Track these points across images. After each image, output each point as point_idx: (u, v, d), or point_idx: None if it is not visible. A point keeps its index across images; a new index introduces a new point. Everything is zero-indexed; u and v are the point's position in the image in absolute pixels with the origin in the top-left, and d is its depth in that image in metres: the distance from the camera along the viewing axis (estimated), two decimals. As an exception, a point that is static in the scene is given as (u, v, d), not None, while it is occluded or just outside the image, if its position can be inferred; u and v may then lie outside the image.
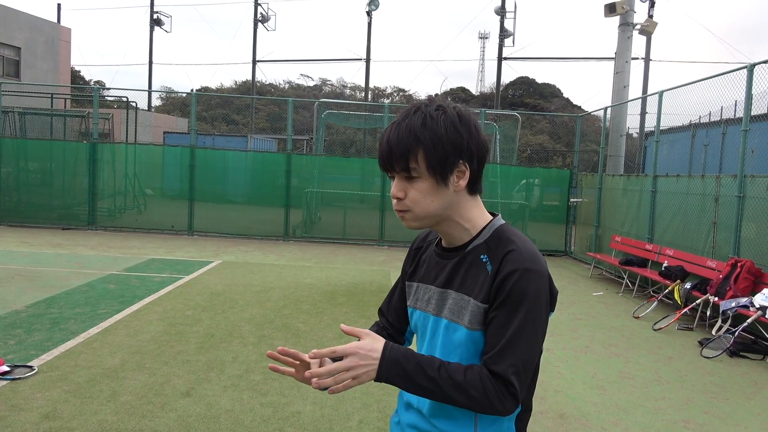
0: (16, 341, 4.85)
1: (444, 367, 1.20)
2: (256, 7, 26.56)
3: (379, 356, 1.19)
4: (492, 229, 1.30)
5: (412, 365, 1.19)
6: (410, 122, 1.23)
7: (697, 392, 4.62)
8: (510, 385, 1.19)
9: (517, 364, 1.20)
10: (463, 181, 1.26)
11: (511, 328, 1.20)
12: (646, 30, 12.61)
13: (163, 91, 42.61)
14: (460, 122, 1.24)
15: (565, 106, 40.42)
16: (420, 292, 1.39)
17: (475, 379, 1.19)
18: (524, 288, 1.20)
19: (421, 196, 1.24)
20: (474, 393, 1.18)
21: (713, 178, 7.54)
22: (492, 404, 1.19)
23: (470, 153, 1.25)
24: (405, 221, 1.29)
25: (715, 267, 6.91)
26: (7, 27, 21.35)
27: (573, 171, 12.95)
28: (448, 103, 1.27)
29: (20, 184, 13.04)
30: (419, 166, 1.23)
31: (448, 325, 1.30)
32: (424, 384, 1.19)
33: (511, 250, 1.24)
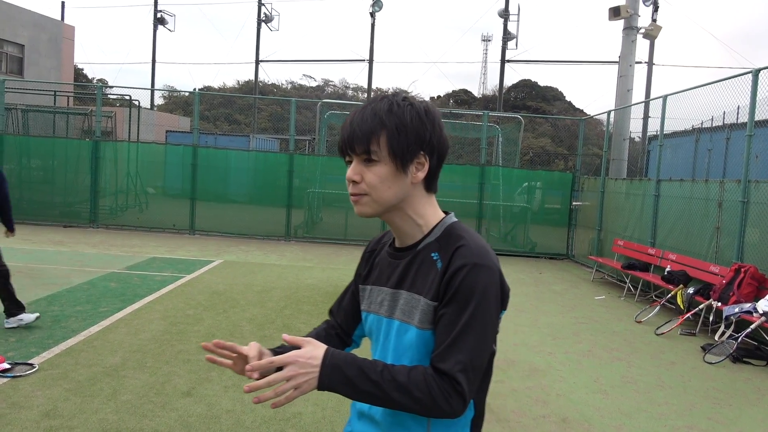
0: (17, 338, 4.84)
1: (387, 370, 1.16)
2: (260, 7, 26.58)
3: (320, 363, 1.15)
4: (443, 226, 1.28)
5: (354, 370, 1.15)
6: (376, 107, 1.23)
7: (700, 398, 4.60)
8: (456, 384, 1.14)
9: (463, 361, 1.15)
10: (421, 173, 1.25)
11: (459, 324, 1.16)
12: (650, 34, 12.60)
13: (166, 90, 42.68)
14: (426, 115, 1.24)
15: (567, 110, 40.41)
16: (373, 295, 1.36)
17: (419, 379, 1.15)
18: (473, 283, 1.17)
19: (378, 180, 1.23)
20: (418, 394, 1.13)
21: (717, 183, 7.52)
22: (438, 404, 1.14)
23: (431, 146, 1.25)
24: (359, 206, 1.26)
25: (718, 272, 6.89)
26: (11, 24, 21.37)
27: (575, 174, 12.93)
28: (417, 99, 1.28)
29: (22, 182, 13.04)
30: (380, 150, 1.22)
31: (400, 326, 1.26)
32: (368, 389, 1.14)
33: (461, 246, 1.22)
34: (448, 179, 13.54)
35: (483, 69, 52.49)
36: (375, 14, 24.31)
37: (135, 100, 17.76)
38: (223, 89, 45.13)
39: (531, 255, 12.63)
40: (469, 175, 12.92)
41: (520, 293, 8.47)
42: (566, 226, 12.79)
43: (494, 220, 13.21)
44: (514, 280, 9.56)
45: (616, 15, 11.78)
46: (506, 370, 4.91)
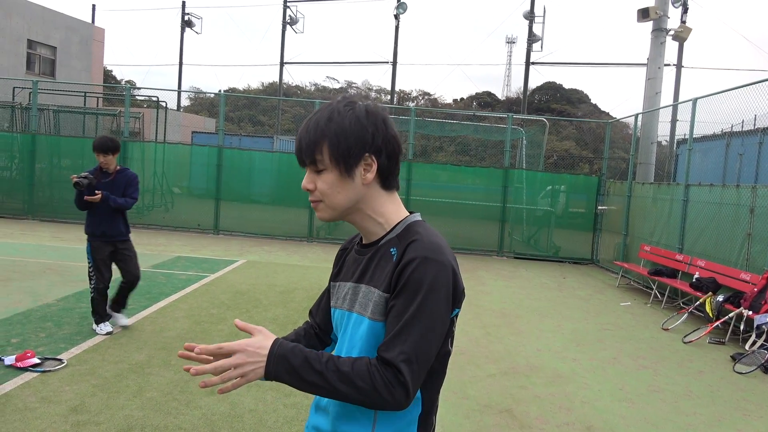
0: (47, 334, 4.95)
1: (332, 360, 1.17)
2: (285, 9, 26.82)
3: (267, 353, 1.17)
4: (405, 224, 1.31)
5: (299, 360, 1.16)
6: (318, 117, 1.27)
7: (730, 409, 4.48)
8: (399, 373, 1.14)
9: (408, 352, 1.15)
10: (370, 175, 1.26)
11: (406, 315, 1.17)
12: (679, 36, 12.36)
13: (192, 92, 43.31)
14: (366, 117, 1.25)
15: (592, 112, 39.87)
16: (339, 290, 1.38)
17: (362, 369, 1.15)
18: (421, 276, 1.18)
19: (327, 187, 1.26)
20: (360, 383, 1.14)
21: (749, 188, 7.33)
22: (380, 394, 1.13)
23: (377, 147, 1.26)
24: (318, 212, 1.32)
25: (749, 280, 6.71)
26: (45, 27, 21.94)
27: (601, 178, 12.74)
28: (361, 99, 1.30)
29: (53, 180, 13.36)
30: (324, 158, 1.25)
31: (357, 319, 1.28)
32: (312, 379, 1.15)
33: (414, 240, 1.24)
34: (471, 182, 13.48)
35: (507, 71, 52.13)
36: (399, 16, 24.33)
37: (162, 101, 18.05)
38: (247, 91, 45.64)
39: (555, 259, 12.48)
40: (492, 178, 12.83)
41: (543, 298, 8.37)
42: (591, 230, 12.61)
43: (517, 223, 13.09)
44: (536, 285, 9.46)
45: (645, 16, 11.59)
46: (529, 376, 4.85)
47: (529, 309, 7.53)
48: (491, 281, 9.43)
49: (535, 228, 13.22)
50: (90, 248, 5.26)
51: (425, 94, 49.01)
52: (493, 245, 12.63)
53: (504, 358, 5.34)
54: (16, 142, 13.30)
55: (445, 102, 47.19)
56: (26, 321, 5.28)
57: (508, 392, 4.44)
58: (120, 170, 5.39)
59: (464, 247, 12.53)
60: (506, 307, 7.57)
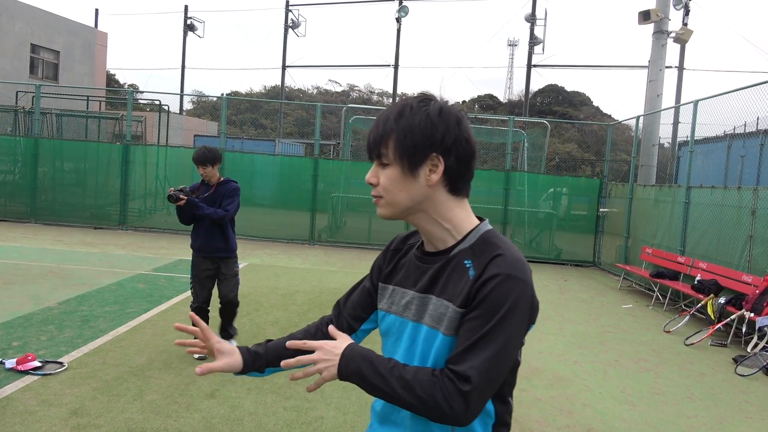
0: (48, 337, 4.96)
1: (397, 366, 1.17)
2: (287, 13, 26.89)
3: (340, 353, 1.20)
4: (478, 233, 1.26)
5: (367, 363, 1.18)
6: (389, 112, 1.26)
7: (732, 411, 4.46)
8: (464, 383, 1.11)
9: (478, 368, 1.12)
10: (435, 176, 1.22)
11: (482, 331, 1.14)
12: (681, 38, 12.35)
13: (195, 95, 43.43)
14: (438, 115, 1.22)
15: (594, 115, 39.85)
16: (396, 296, 1.34)
17: (424, 378, 1.14)
18: (504, 294, 1.15)
19: (389, 183, 1.24)
20: (421, 393, 1.13)
21: (750, 190, 7.32)
22: (439, 406, 1.11)
23: (445, 147, 1.22)
24: (378, 208, 1.30)
25: (751, 282, 6.70)
26: (48, 31, 22.03)
27: (603, 180, 12.73)
28: (438, 98, 1.28)
29: (55, 184, 13.40)
30: (389, 153, 1.24)
31: (429, 332, 1.25)
32: (376, 383, 1.17)
33: (498, 255, 1.20)
34: (473, 184, 13.36)
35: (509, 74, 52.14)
36: (401, 20, 24.37)
37: (164, 105, 18.13)
38: (250, 94, 45.73)
39: (556, 262, 12.46)
40: (494, 181, 12.83)
41: (544, 300, 8.35)
42: (593, 233, 12.59)
43: (519, 226, 13.08)
44: (538, 287, 9.37)
45: (646, 19, 11.59)
46: (530, 379, 4.84)
47: (530, 312, 7.50)
48: (493, 284, 9.40)
49: (536, 230, 13.21)
50: (191, 263, 5.02)
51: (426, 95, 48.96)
52: (495, 248, 12.59)
53: (505, 360, 5.32)
54: (19, 146, 13.34)
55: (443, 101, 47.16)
56: (28, 324, 5.29)
57: (508, 395, 4.42)
58: (222, 182, 4.99)
59: (466, 250, 12.48)
60: (508, 309, 7.54)
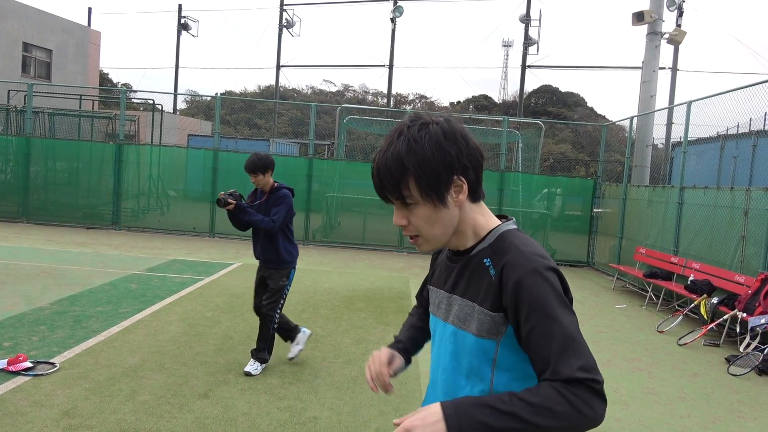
0: (40, 338, 4.92)
1: (515, 397, 1.11)
2: (282, 13, 26.83)
3: (441, 416, 1.10)
4: (497, 233, 1.27)
5: (483, 410, 1.09)
6: (395, 149, 1.19)
7: (724, 410, 4.48)
8: (591, 382, 1.09)
9: (580, 363, 1.11)
10: (462, 196, 1.23)
11: (554, 333, 1.13)
12: (674, 39, 12.42)
13: (189, 95, 43.27)
14: (445, 139, 1.19)
15: (589, 116, 39.99)
16: (433, 296, 1.39)
17: (551, 393, 1.09)
18: (540, 291, 1.15)
19: (423, 221, 1.22)
20: (560, 408, 1.08)
21: (743, 191, 7.36)
22: (582, 412, 1.08)
23: (463, 166, 1.21)
24: (419, 247, 1.28)
25: (743, 282, 6.73)
26: (41, 30, 21.89)
27: (597, 181, 12.77)
28: (431, 118, 1.23)
29: (48, 183, 13.31)
30: (413, 194, 1.20)
31: (456, 332, 1.27)
32: (506, 425, 1.08)
33: (513, 254, 1.20)
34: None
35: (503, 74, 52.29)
36: (395, 20, 24.37)
37: (158, 104, 17.99)
38: (244, 94, 45.62)
39: (550, 262, 12.48)
40: (488, 181, 12.83)
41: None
42: (587, 233, 12.64)
43: (513, 226, 13.09)
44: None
45: (640, 20, 11.64)
46: (524, 379, 4.84)
47: (524, 312, 7.52)
48: (487, 284, 9.42)
49: (531, 231, 13.23)
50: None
51: (422, 98, 49.08)
52: (489, 248, 12.62)
53: (499, 360, 5.32)
54: (11, 145, 13.24)
55: (441, 105, 47.26)
56: (19, 324, 5.25)
57: (502, 395, 4.42)
58: (274, 188, 4.65)
59: (460, 250, 12.51)
60: (502, 309, 7.55)
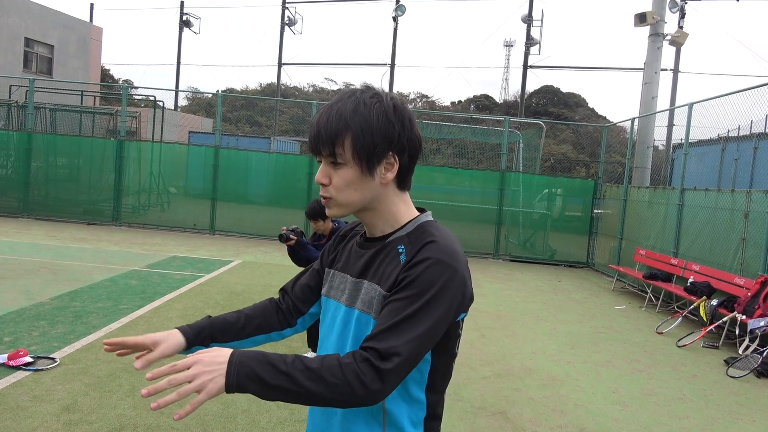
0: (40, 333, 4.93)
1: (299, 359, 1.07)
2: (284, 10, 26.82)
3: (226, 360, 1.04)
4: (417, 223, 1.26)
5: (263, 365, 1.05)
6: (342, 106, 1.18)
7: (723, 412, 4.49)
8: (383, 361, 1.05)
9: (400, 347, 1.06)
10: (390, 174, 1.21)
11: (406, 311, 1.09)
12: (676, 41, 12.41)
13: (190, 91, 43.25)
14: (394, 113, 1.19)
15: (589, 116, 39.98)
16: (336, 280, 1.33)
17: (332, 363, 1.06)
18: (432, 277, 1.12)
19: (344, 184, 1.20)
20: (332, 379, 1.04)
21: (743, 193, 7.36)
22: (351, 386, 1.04)
23: (401, 146, 1.20)
24: (328, 209, 1.25)
25: (743, 284, 6.74)
26: (43, 25, 21.88)
27: (597, 181, 12.78)
28: (386, 93, 1.23)
29: (49, 179, 13.32)
30: (345, 153, 1.18)
31: (360, 316, 1.22)
32: (279, 382, 1.04)
33: (430, 242, 1.17)
34: (468, 185, 13.49)
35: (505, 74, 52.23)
36: (398, 19, 24.37)
37: (159, 101, 17.98)
38: (245, 91, 45.60)
39: (550, 262, 12.50)
40: (489, 181, 12.85)
41: (538, 301, 8.38)
42: (587, 234, 12.64)
43: (513, 226, 13.10)
44: (532, 288, 9.47)
45: (642, 21, 11.63)
46: (524, 378, 4.85)
47: (524, 312, 7.54)
48: (487, 284, 9.44)
49: (531, 231, 13.24)
50: None
51: (423, 97, 49.06)
52: (489, 248, 12.64)
53: (498, 360, 5.34)
54: (12, 140, 13.25)
55: (442, 104, 47.26)
56: (19, 319, 5.26)
57: (502, 394, 4.44)
58: (333, 229, 4.76)
59: (460, 250, 12.53)
60: (501, 309, 7.57)
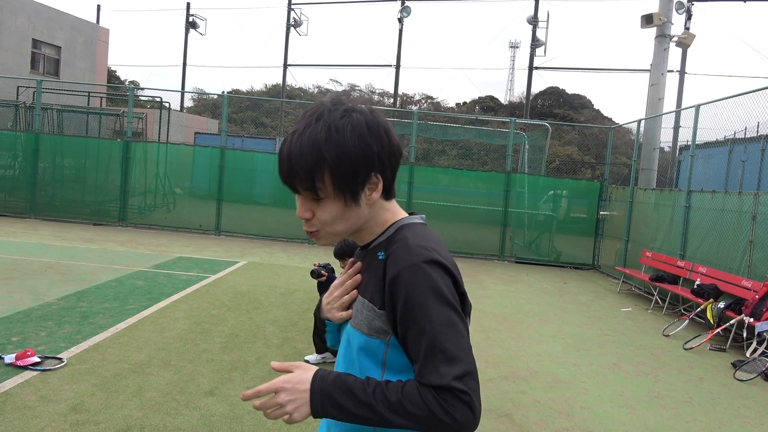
0: (47, 333, 4.95)
1: (380, 388, 1.05)
2: (289, 12, 26.87)
3: (308, 388, 1.06)
4: (396, 226, 1.19)
5: (344, 394, 1.05)
6: (313, 133, 1.08)
7: (730, 416, 4.46)
8: (459, 392, 1.02)
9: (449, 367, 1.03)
10: (376, 194, 1.14)
11: (425, 335, 1.05)
12: (683, 42, 12.36)
13: (196, 93, 43.39)
14: (369, 132, 1.10)
15: (595, 118, 39.87)
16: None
17: (413, 394, 1.03)
18: (415, 288, 1.06)
19: (330, 217, 1.12)
20: (414, 410, 1.02)
21: (751, 195, 7.32)
22: (440, 420, 1.02)
23: (383, 164, 1.12)
24: (318, 241, 1.19)
25: (750, 287, 6.70)
26: (50, 27, 22.00)
27: (603, 183, 12.74)
28: (354, 105, 1.13)
29: (55, 180, 13.38)
30: (326, 187, 1.10)
31: (351, 332, 1.19)
32: (360, 412, 1.04)
33: (398, 246, 1.11)
34: (473, 186, 13.48)
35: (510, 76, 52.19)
36: (403, 20, 24.37)
37: (165, 102, 18.05)
38: (251, 92, 45.71)
39: (556, 264, 12.46)
40: (494, 182, 12.83)
41: (543, 303, 8.36)
42: (593, 235, 12.60)
43: (519, 228, 13.08)
44: (537, 289, 9.44)
45: (649, 23, 11.59)
46: (529, 381, 4.84)
47: (529, 313, 7.52)
48: (492, 285, 9.42)
49: (536, 233, 13.21)
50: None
51: (428, 98, 49.03)
52: (495, 249, 12.62)
53: (504, 362, 5.33)
54: (19, 141, 13.32)
55: (447, 106, 47.23)
56: (27, 319, 5.29)
57: (507, 397, 4.43)
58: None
59: (465, 251, 12.52)
60: (507, 311, 7.56)
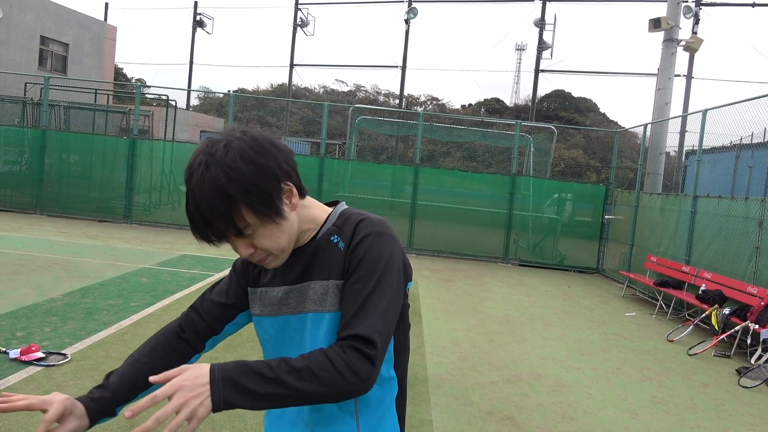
0: (52, 328, 4.97)
1: (283, 362, 1.04)
2: (296, 12, 26.92)
3: (208, 380, 1.00)
4: (338, 212, 1.28)
5: (248, 376, 1.01)
6: (212, 183, 1.06)
7: (735, 423, 4.44)
8: (370, 346, 1.06)
9: (376, 327, 1.09)
10: (294, 198, 1.18)
11: (365, 292, 1.12)
12: (690, 47, 12.32)
13: (202, 91, 43.53)
14: (257, 153, 1.11)
15: (601, 121, 39.80)
16: (266, 297, 1.28)
17: (319, 357, 1.04)
18: (378, 252, 1.16)
19: (270, 241, 1.15)
20: (324, 374, 1.03)
21: (758, 201, 7.29)
22: (344, 377, 1.03)
23: (286, 171, 1.15)
24: (270, 265, 1.20)
25: (756, 293, 6.66)
26: (58, 24, 22.11)
27: (608, 187, 12.70)
28: (225, 136, 1.13)
29: (62, 176, 13.45)
30: (248, 221, 1.10)
31: (314, 317, 1.20)
32: (269, 390, 1.01)
33: (362, 219, 1.21)
34: (478, 188, 13.46)
35: (516, 78, 52.13)
36: (409, 21, 24.37)
37: (172, 100, 18.11)
38: (256, 92, 45.82)
39: (559, 268, 12.43)
40: (499, 185, 12.81)
41: (547, 306, 8.33)
42: (597, 239, 12.56)
43: (523, 230, 13.05)
44: (541, 293, 9.42)
45: (657, 27, 11.56)
46: (533, 384, 4.83)
47: (533, 317, 7.50)
48: (496, 288, 9.40)
49: (540, 236, 13.18)
50: None
51: (434, 99, 49.06)
52: (499, 252, 12.60)
53: (507, 365, 5.31)
54: (26, 137, 13.39)
55: (453, 107, 47.24)
56: (32, 315, 5.31)
57: (510, 400, 4.42)
58: None
59: (469, 254, 12.50)
60: (510, 314, 7.54)
